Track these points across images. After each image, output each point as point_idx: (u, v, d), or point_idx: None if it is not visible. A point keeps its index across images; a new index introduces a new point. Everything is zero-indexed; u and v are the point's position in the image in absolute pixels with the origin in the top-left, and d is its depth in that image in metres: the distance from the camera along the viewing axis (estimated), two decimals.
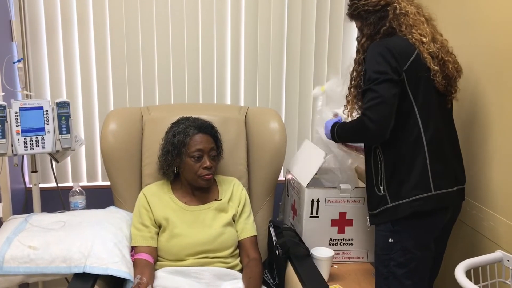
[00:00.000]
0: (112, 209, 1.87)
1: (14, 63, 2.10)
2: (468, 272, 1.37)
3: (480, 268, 1.45)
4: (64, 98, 1.88)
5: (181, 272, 1.65)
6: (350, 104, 1.66)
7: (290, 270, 1.73)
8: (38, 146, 1.81)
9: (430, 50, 1.52)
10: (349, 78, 1.66)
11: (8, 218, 1.82)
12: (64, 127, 1.84)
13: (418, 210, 1.51)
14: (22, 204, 2.23)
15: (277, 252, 1.78)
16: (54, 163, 2.17)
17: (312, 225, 1.93)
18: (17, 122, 1.77)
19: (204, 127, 1.75)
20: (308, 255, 1.79)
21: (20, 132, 1.78)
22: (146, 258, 1.66)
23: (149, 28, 2.35)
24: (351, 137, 1.69)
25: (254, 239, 1.81)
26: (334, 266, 1.95)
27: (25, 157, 2.16)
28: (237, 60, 2.47)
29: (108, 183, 1.95)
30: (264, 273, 1.80)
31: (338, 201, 1.93)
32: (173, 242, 1.69)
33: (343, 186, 1.92)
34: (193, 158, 1.70)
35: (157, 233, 1.74)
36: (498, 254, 1.47)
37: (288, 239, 1.81)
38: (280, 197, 2.29)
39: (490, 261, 1.46)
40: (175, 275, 1.64)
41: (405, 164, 1.53)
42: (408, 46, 1.51)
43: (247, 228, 1.80)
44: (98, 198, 2.11)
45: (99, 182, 2.45)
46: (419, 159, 1.51)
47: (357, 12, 1.61)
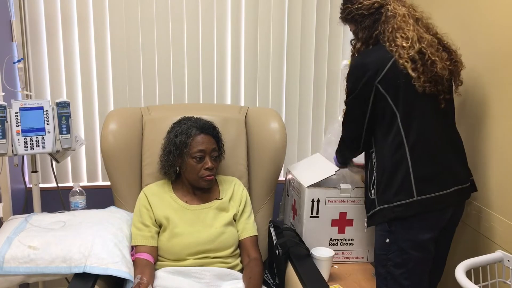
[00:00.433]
0: (112, 209, 1.87)
1: (14, 63, 2.10)
2: (468, 272, 1.37)
3: (480, 268, 1.45)
4: (64, 98, 1.87)
5: (182, 272, 1.65)
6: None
7: (290, 270, 1.73)
8: (38, 146, 1.81)
9: (410, 54, 1.48)
10: (345, 82, 1.66)
11: (8, 218, 1.82)
12: (64, 127, 1.84)
13: (400, 216, 1.52)
14: (22, 204, 2.23)
15: (277, 252, 1.78)
16: (54, 163, 2.17)
17: (312, 225, 1.93)
18: (17, 122, 1.77)
19: (206, 128, 1.75)
20: (308, 255, 1.79)
21: (20, 132, 1.78)
22: (147, 258, 1.66)
23: (149, 28, 2.36)
24: (344, 156, 1.81)
25: (255, 239, 1.81)
26: (334, 266, 1.95)
27: (25, 157, 2.16)
28: (237, 60, 2.47)
29: (108, 183, 1.95)
30: (264, 273, 1.80)
31: (339, 201, 1.93)
32: (174, 242, 1.69)
33: (343, 186, 1.92)
34: (195, 159, 1.70)
35: (158, 233, 1.74)
36: (498, 254, 1.47)
37: (288, 239, 1.81)
38: (280, 197, 2.29)
39: (490, 261, 1.46)
40: (176, 275, 1.65)
41: (390, 170, 1.54)
42: (384, 55, 1.50)
43: (248, 228, 1.80)
44: (98, 198, 2.12)
45: (99, 182, 2.45)
46: (402, 165, 1.52)
47: (351, 16, 1.60)
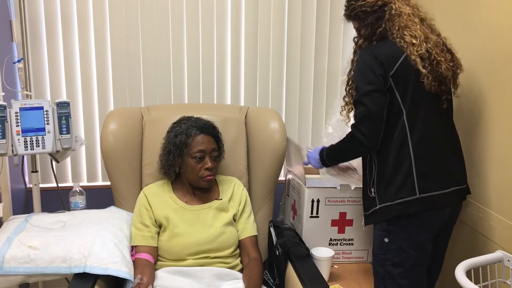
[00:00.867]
0: (112, 209, 1.87)
1: (14, 63, 2.10)
2: (468, 272, 1.37)
3: (480, 268, 1.45)
4: (64, 98, 1.87)
5: (182, 272, 1.65)
6: (349, 105, 1.65)
7: (290, 270, 1.73)
8: (38, 146, 1.81)
9: (420, 52, 1.50)
10: (346, 80, 1.66)
11: (8, 218, 1.82)
12: (64, 127, 1.84)
13: (402, 213, 1.52)
14: (22, 204, 2.23)
15: (277, 252, 1.78)
16: (54, 163, 2.17)
17: (312, 225, 1.93)
18: (17, 122, 1.77)
19: (206, 128, 1.75)
20: (308, 255, 1.79)
21: (20, 132, 1.78)
22: (147, 258, 1.66)
23: (149, 28, 2.36)
24: (344, 155, 1.69)
25: (255, 239, 1.81)
26: (334, 266, 1.95)
27: (25, 157, 2.16)
28: (237, 60, 2.47)
29: (108, 183, 1.95)
30: (264, 273, 1.80)
31: (338, 201, 1.94)
32: (174, 242, 1.69)
33: (343, 186, 1.92)
34: (195, 159, 1.70)
35: (158, 233, 1.74)
36: (498, 254, 1.48)
37: (288, 239, 1.81)
38: (280, 197, 2.29)
39: (490, 261, 1.46)
40: (176, 275, 1.64)
41: (392, 168, 1.54)
42: (396, 50, 1.52)
43: (248, 228, 1.80)
44: (98, 198, 2.12)
45: (99, 182, 2.45)
46: (405, 163, 1.52)
47: (355, 13, 1.61)
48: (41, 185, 2.19)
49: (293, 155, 1.99)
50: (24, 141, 1.78)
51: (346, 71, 1.67)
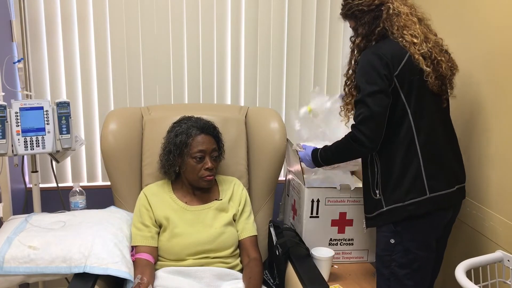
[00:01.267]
0: (113, 209, 1.87)
1: (14, 63, 2.10)
2: (468, 272, 1.37)
3: (480, 268, 1.45)
4: (64, 98, 1.88)
5: (182, 272, 1.65)
6: (348, 105, 1.63)
7: (290, 270, 1.73)
8: (38, 146, 1.81)
9: (422, 51, 1.51)
10: (345, 79, 1.66)
11: (8, 218, 1.82)
12: (64, 127, 1.84)
13: (413, 214, 1.52)
14: (22, 204, 2.23)
15: (277, 252, 1.78)
16: (54, 163, 2.17)
17: (312, 225, 1.93)
18: (17, 122, 1.77)
19: (207, 128, 1.75)
20: (308, 255, 1.79)
21: (20, 132, 1.78)
22: (147, 258, 1.66)
23: (149, 28, 2.36)
24: (342, 156, 1.66)
25: (255, 239, 1.81)
26: (334, 266, 1.95)
27: (25, 157, 2.16)
28: (237, 60, 2.47)
29: (108, 183, 1.95)
30: (264, 273, 1.80)
31: (338, 201, 1.93)
32: (174, 242, 1.69)
33: (343, 186, 1.92)
34: (195, 159, 1.70)
35: (158, 233, 1.74)
36: (498, 254, 1.48)
37: (289, 239, 1.81)
38: (281, 197, 2.29)
39: (490, 261, 1.46)
40: (176, 275, 1.64)
41: (400, 169, 1.53)
42: (399, 50, 1.51)
43: (248, 228, 1.80)
44: (98, 198, 2.12)
45: (99, 182, 2.45)
46: (413, 163, 1.52)
47: (351, 12, 1.61)
48: (41, 185, 2.19)
49: (292, 155, 1.99)
50: (24, 141, 1.78)
51: (343, 71, 1.67)
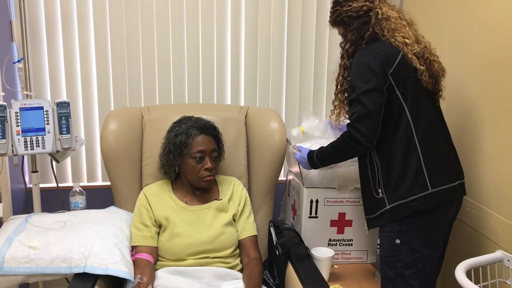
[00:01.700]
0: (113, 209, 1.87)
1: (14, 63, 2.10)
2: (468, 272, 1.37)
3: (480, 268, 1.45)
4: (64, 98, 1.88)
5: (182, 272, 1.65)
6: (338, 109, 1.67)
7: (290, 270, 1.73)
8: (38, 146, 1.81)
9: (415, 51, 1.54)
10: (335, 84, 1.68)
11: (8, 218, 1.82)
12: (64, 127, 1.84)
13: (416, 210, 1.52)
14: (22, 204, 2.23)
15: (278, 252, 1.78)
16: (54, 163, 2.17)
17: (312, 226, 1.93)
18: (17, 122, 1.78)
19: (206, 128, 1.75)
20: (308, 255, 1.79)
21: (20, 132, 1.78)
22: (147, 258, 1.66)
23: (149, 28, 2.36)
24: (338, 156, 1.65)
25: (254, 239, 1.81)
26: (334, 266, 1.95)
27: (25, 157, 2.16)
28: (237, 60, 2.47)
29: (108, 183, 1.95)
30: (264, 273, 1.80)
31: (338, 202, 1.93)
32: (174, 242, 1.69)
33: (342, 187, 1.92)
34: (195, 159, 1.70)
35: (158, 233, 1.74)
36: (498, 254, 1.48)
37: (289, 239, 1.81)
38: (281, 197, 2.29)
39: (490, 261, 1.46)
40: (176, 275, 1.65)
41: (401, 166, 1.54)
42: (393, 49, 1.54)
43: (247, 228, 1.80)
44: (98, 198, 2.12)
45: (99, 182, 2.45)
46: (413, 159, 1.53)
47: (340, 18, 1.63)
48: (41, 185, 2.19)
49: (292, 155, 1.99)
50: (24, 141, 1.78)
51: (334, 75, 1.69)
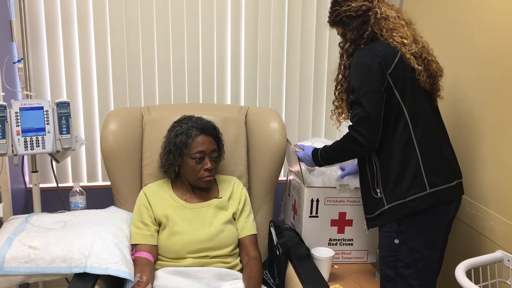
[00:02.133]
0: (113, 209, 1.87)
1: (14, 63, 2.10)
2: (468, 272, 1.37)
3: (480, 268, 1.45)
4: (64, 98, 1.88)
5: (181, 273, 1.65)
6: (338, 109, 1.67)
7: (291, 270, 1.73)
8: (38, 146, 1.81)
9: (413, 51, 1.54)
10: (335, 83, 1.69)
11: (9, 218, 1.82)
12: (64, 127, 1.84)
13: (415, 210, 1.52)
14: (22, 204, 2.23)
15: (278, 252, 1.78)
16: (54, 163, 2.17)
17: (312, 225, 1.93)
18: (17, 122, 1.78)
19: (207, 129, 1.75)
20: (309, 255, 1.79)
21: (20, 132, 1.78)
22: (146, 257, 1.66)
23: (149, 28, 2.36)
24: (341, 156, 1.68)
25: (254, 238, 1.81)
26: (335, 266, 1.95)
27: (25, 157, 2.16)
28: (237, 60, 2.47)
29: (108, 183, 1.95)
30: (264, 273, 1.80)
31: (338, 201, 1.93)
32: (173, 240, 1.69)
33: (343, 186, 1.92)
34: (195, 160, 1.70)
35: (157, 232, 1.74)
36: (498, 254, 1.48)
37: (289, 239, 1.81)
38: (281, 197, 2.29)
39: (490, 261, 1.46)
40: (176, 275, 1.65)
41: (399, 166, 1.54)
42: (391, 49, 1.54)
43: (247, 227, 1.81)
44: (98, 198, 2.12)
45: (99, 182, 2.45)
46: (412, 160, 1.53)
47: (339, 18, 1.63)
48: (41, 185, 2.19)
49: (292, 155, 1.99)
50: (24, 141, 1.78)
51: (334, 75, 1.70)
